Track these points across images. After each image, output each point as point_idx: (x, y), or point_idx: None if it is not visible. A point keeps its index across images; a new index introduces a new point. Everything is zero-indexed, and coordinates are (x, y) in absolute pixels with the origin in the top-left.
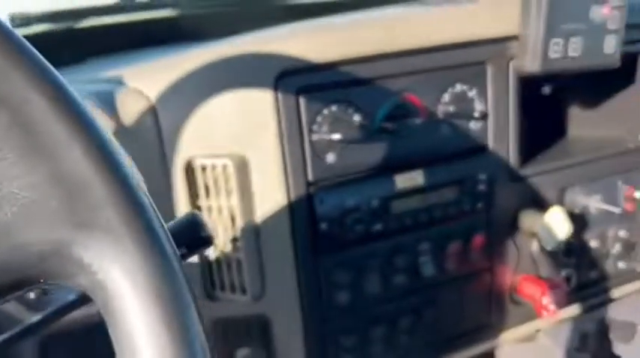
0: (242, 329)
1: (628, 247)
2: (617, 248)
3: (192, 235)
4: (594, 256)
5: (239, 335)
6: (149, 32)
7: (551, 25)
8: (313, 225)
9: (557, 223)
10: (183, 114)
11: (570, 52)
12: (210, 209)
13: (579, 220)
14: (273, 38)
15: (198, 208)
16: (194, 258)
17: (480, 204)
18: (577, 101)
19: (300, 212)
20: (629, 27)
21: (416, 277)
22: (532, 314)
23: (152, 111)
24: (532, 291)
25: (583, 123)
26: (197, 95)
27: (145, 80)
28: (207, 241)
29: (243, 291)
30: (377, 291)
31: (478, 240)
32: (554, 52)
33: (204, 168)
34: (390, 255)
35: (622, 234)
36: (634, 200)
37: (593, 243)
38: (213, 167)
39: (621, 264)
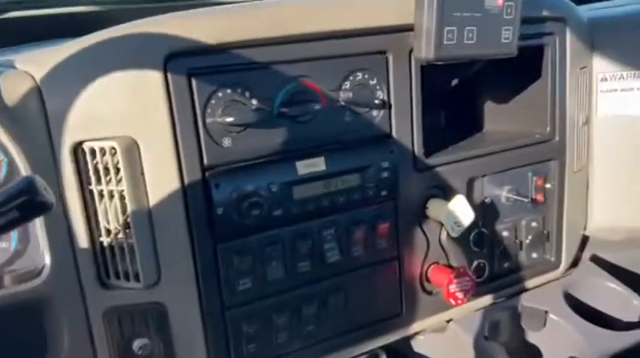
0: (138, 318)
1: (540, 238)
2: (529, 238)
3: (27, 200)
4: (507, 246)
5: (135, 324)
6: (61, 25)
7: (444, 13)
8: (210, 211)
9: (460, 210)
10: (69, 96)
11: (466, 40)
12: (101, 194)
13: (490, 210)
14: (163, 20)
15: (90, 193)
16: (86, 245)
17: (384, 191)
18: (490, 95)
19: (195, 197)
20: (534, 20)
21: (321, 264)
22: (444, 304)
23: (37, 92)
24: (441, 279)
25: (495, 116)
26: (84, 76)
27: (33, 63)
28: (44, 207)
29: (137, 279)
30: (280, 278)
31: (384, 227)
32: (449, 40)
33: (93, 152)
34: (293, 242)
35: (534, 224)
36: (544, 190)
37: (505, 233)
38: (102, 150)
39: (534, 255)
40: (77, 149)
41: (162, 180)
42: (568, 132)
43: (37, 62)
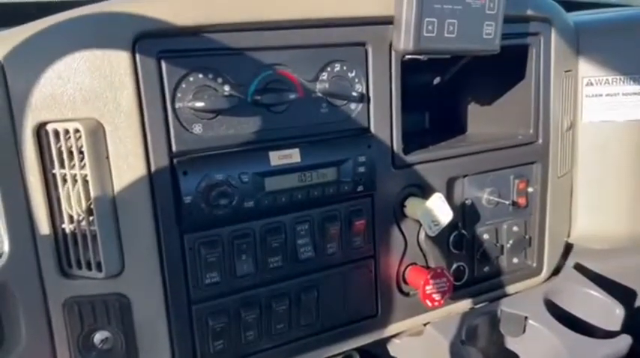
0: (99, 309)
1: (522, 242)
2: (510, 243)
3: None
4: (487, 250)
5: (96, 316)
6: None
7: (424, 3)
8: (177, 200)
9: (438, 208)
10: (33, 75)
11: (446, 33)
12: (64, 179)
13: (471, 212)
14: (134, 0)
15: (53, 178)
16: (47, 231)
17: (360, 187)
18: (473, 96)
19: (162, 184)
20: (518, 19)
21: (294, 260)
22: (421, 306)
23: (0, 71)
24: (417, 280)
25: (479, 118)
26: (48, 54)
27: None
28: None
29: (99, 268)
30: (250, 273)
31: (360, 224)
32: (428, 32)
33: (57, 134)
34: (265, 236)
35: (515, 228)
36: (526, 194)
37: (486, 237)
38: (66, 132)
39: (515, 260)
40: (40, 130)
41: (127, 165)
42: (552, 136)
43: (2, 40)
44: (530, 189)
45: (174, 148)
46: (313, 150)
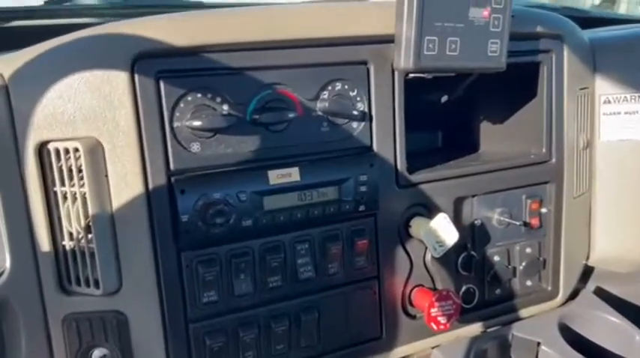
0: (97, 326)
1: (535, 265)
2: (523, 265)
3: None
4: (498, 272)
5: (94, 333)
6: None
7: (424, 22)
8: (174, 218)
9: (443, 229)
10: (36, 95)
11: (448, 51)
12: (65, 196)
13: (480, 233)
14: (133, 21)
15: (55, 195)
16: (47, 248)
17: (362, 206)
18: (484, 114)
19: (160, 203)
20: (528, 36)
21: (293, 280)
22: (428, 330)
23: (4, 90)
24: (422, 303)
25: (490, 136)
26: (50, 75)
27: (3, 62)
28: None
29: (97, 285)
30: (249, 293)
31: (362, 244)
32: (429, 50)
33: (57, 153)
34: (264, 255)
35: (529, 250)
36: (539, 214)
37: (497, 258)
38: (66, 151)
39: (529, 282)
40: (42, 149)
41: (126, 183)
42: (566, 155)
43: (7, 61)
44: (543, 210)
45: (172, 167)
46: (313, 168)
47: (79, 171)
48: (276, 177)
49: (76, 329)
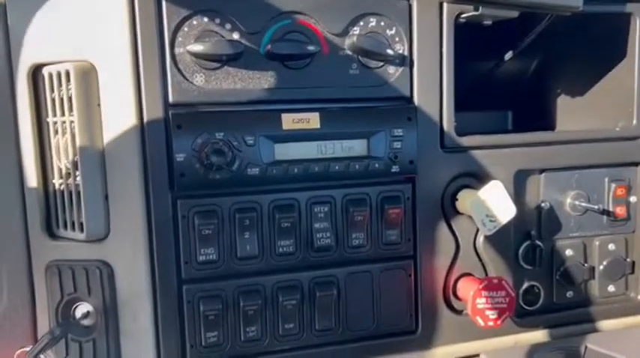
0: (80, 276)
1: (620, 266)
2: (604, 265)
3: None
4: (571, 270)
5: (76, 283)
6: None
7: None
8: (170, 158)
9: (495, 200)
10: (31, 14)
11: None
12: (56, 129)
13: (549, 219)
14: None
15: (47, 125)
16: (35, 184)
17: (395, 168)
18: (562, 85)
19: (155, 139)
20: None
21: (308, 247)
22: (477, 329)
23: (2, 9)
24: (468, 291)
25: (569, 112)
26: None
27: None
28: None
29: (82, 229)
30: (253, 255)
31: (395, 213)
32: None
33: (51, 79)
34: (273, 213)
35: (612, 247)
36: (626, 203)
37: (570, 253)
38: (58, 76)
39: (611, 288)
40: (36, 74)
41: (119, 113)
42: None
43: None
44: (632, 199)
45: (170, 99)
46: (337, 116)
47: (70, 99)
48: (291, 121)
49: (58, 277)
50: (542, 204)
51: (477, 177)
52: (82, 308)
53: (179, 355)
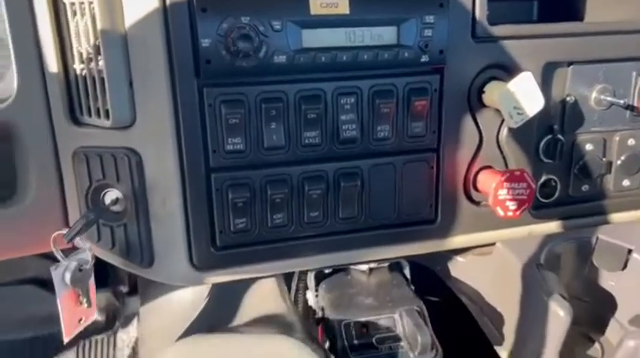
0: (108, 163)
1: (636, 161)
2: (622, 159)
3: None
4: (589, 164)
5: (105, 170)
6: None
7: None
8: (195, 43)
9: (523, 92)
10: None
11: None
12: (74, 8)
13: (573, 113)
14: None
15: (64, 7)
16: (55, 69)
17: (424, 57)
18: None
19: (179, 22)
20: None
21: (334, 139)
22: (493, 220)
23: None
24: (488, 183)
25: (600, 5)
26: None
27: None
28: None
29: (107, 116)
30: (280, 146)
31: (421, 105)
32: None
33: None
34: (299, 103)
35: (631, 142)
36: None
37: (589, 147)
38: None
39: (626, 182)
40: None
41: None
42: None
43: None
44: None
45: None
46: (367, 1)
47: None
48: (319, 6)
49: (86, 164)
50: (568, 98)
51: (506, 69)
52: (110, 195)
53: (209, 241)
